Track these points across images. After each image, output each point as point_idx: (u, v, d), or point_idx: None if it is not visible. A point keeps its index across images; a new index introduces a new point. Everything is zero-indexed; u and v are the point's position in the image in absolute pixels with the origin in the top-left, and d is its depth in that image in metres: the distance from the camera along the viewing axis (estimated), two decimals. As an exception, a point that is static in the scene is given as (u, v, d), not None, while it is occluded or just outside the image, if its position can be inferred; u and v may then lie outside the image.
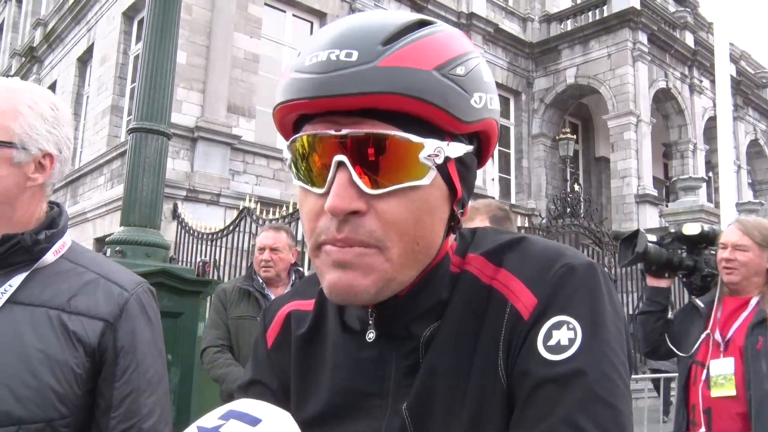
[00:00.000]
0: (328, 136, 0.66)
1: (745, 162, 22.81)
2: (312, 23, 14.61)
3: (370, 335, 0.75)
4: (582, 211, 13.14)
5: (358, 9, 14.96)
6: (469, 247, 0.77)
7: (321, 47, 0.66)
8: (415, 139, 0.66)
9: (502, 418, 0.67)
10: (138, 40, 13.49)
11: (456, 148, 0.69)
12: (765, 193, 24.29)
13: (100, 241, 11.92)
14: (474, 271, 0.74)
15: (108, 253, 3.64)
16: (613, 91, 17.38)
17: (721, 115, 2.75)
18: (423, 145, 0.66)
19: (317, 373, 0.80)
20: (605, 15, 17.90)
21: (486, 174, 17.37)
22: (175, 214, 11.28)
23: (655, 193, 17.37)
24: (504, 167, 18.74)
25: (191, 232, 10.85)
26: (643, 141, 17.28)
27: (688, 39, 19.41)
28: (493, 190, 17.69)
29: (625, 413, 0.64)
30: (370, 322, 0.75)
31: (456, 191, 0.71)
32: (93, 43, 15.53)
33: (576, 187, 17.57)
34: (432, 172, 0.67)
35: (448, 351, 0.71)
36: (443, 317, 0.73)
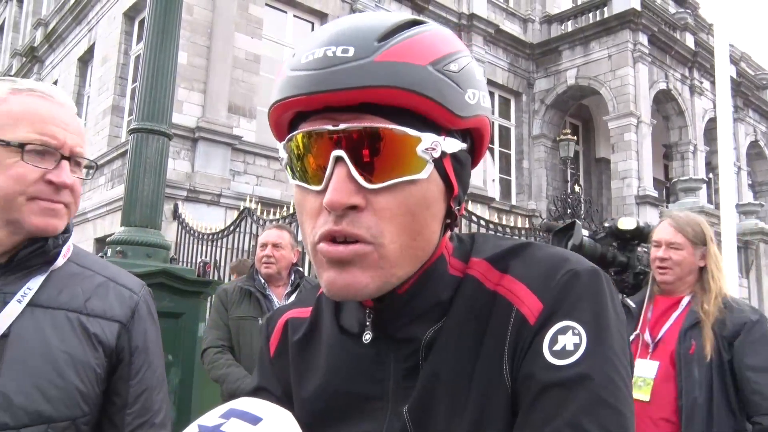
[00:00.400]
0: (326, 131, 0.67)
1: (745, 163, 22.81)
2: (313, 24, 14.61)
3: (367, 336, 0.75)
4: (582, 212, 13.14)
5: (359, 9, 14.97)
6: (471, 251, 0.78)
7: (317, 45, 0.67)
8: (412, 132, 0.66)
9: (505, 422, 0.67)
10: (139, 40, 13.50)
11: (451, 144, 0.70)
12: (765, 194, 24.27)
13: (101, 242, 11.92)
14: (478, 275, 0.74)
15: (109, 254, 3.64)
16: (613, 92, 17.38)
17: (721, 116, 2.74)
18: (420, 139, 0.67)
19: (314, 376, 0.80)
20: (606, 16, 17.90)
21: (486, 175, 17.36)
22: (175, 215, 11.28)
23: (655, 194, 17.37)
24: (504, 168, 18.74)
25: (192, 232, 10.84)
26: (644, 142, 17.28)
27: (689, 40, 19.41)
28: (493, 190, 17.69)
29: (628, 417, 0.64)
30: (368, 323, 0.75)
31: (452, 187, 0.72)
32: (94, 43, 15.54)
33: (576, 188, 17.55)
34: (429, 166, 0.68)
35: (450, 354, 0.71)
36: (446, 320, 0.73)
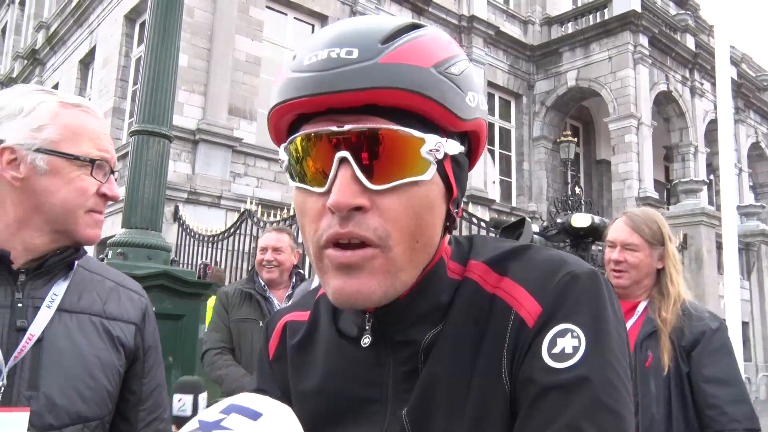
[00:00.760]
0: (330, 132, 0.66)
1: (746, 165, 22.81)
2: (313, 26, 14.63)
3: (366, 340, 0.75)
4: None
5: (359, 12, 14.98)
6: (469, 254, 0.78)
7: (319, 47, 0.67)
8: (417, 133, 0.67)
9: (504, 425, 0.67)
10: (140, 42, 13.52)
11: (452, 146, 0.70)
12: (766, 196, 24.26)
13: (102, 243, 11.91)
14: (476, 278, 0.74)
15: (110, 255, 3.65)
16: (614, 94, 17.39)
17: (722, 118, 2.74)
18: (424, 140, 0.67)
19: (313, 379, 0.80)
20: (606, 18, 17.91)
21: (487, 177, 17.37)
22: (176, 217, 11.29)
23: (656, 196, 17.36)
24: (505, 170, 18.74)
25: (192, 234, 10.85)
26: (644, 144, 17.28)
27: (689, 42, 19.41)
28: (494, 192, 17.69)
29: (628, 420, 0.64)
30: (367, 327, 0.75)
31: (452, 190, 0.72)
32: (95, 46, 15.56)
33: (577, 189, 17.50)
34: (433, 167, 0.68)
35: (449, 358, 0.71)
36: (445, 324, 0.73)
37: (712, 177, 19.79)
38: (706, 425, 2.00)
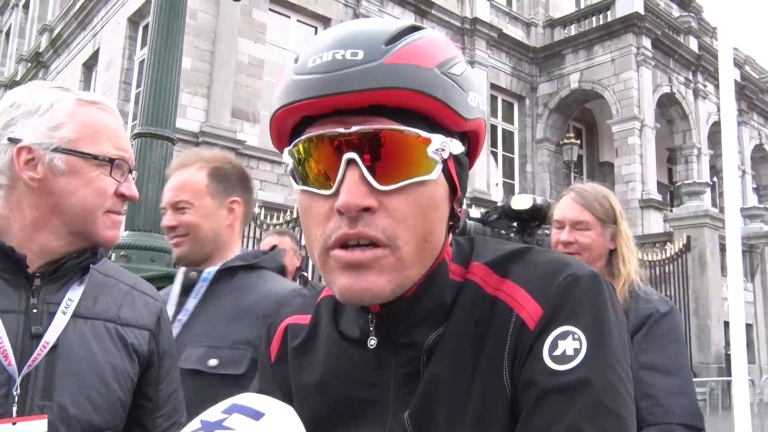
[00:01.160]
0: (336, 134, 0.67)
1: (749, 167, 22.75)
2: (316, 28, 14.65)
3: (372, 342, 0.75)
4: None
5: (361, 14, 15.00)
6: (471, 255, 0.78)
7: (323, 49, 0.67)
8: (423, 134, 0.67)
9: (505, 427, 0.67)
10: (143, 45, 13.54)
11: (456, 145, 0.71)
12: (770, 198, 24.21)
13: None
14: (477, 280, 0.75)
15: (113, 258, 3.65)
16: (617, 96, 17.36)
17: (725, 119, 2.73)
18: (430, 140, 0.68)
19: (314, 381, 0.80)
20: (609, 20, 17.89)
21: (490, 178, 17.36)
22: (179, 219, 11.29)
23: (659, 198, 17.33)
24: (508, 172, 18.72)
25: (195, 236, 10.84)
26: (647, 146, 17.25)
27: (692, 44, 19.38)
28: (497, 194, 17.67)
29: (629, 422, 0.64)
30: (371, 329, 0.75)
31: (455, 189, 0.73)
32: (98, 49, 15.60)
33: (580, 191, 17.50)
34: (439, 167, 0.69)
35: (451, 360, 0.71)
36: (447, 326, 0.73)
37: (715, 179, 19.75)
38: (641, 418, 1.74)
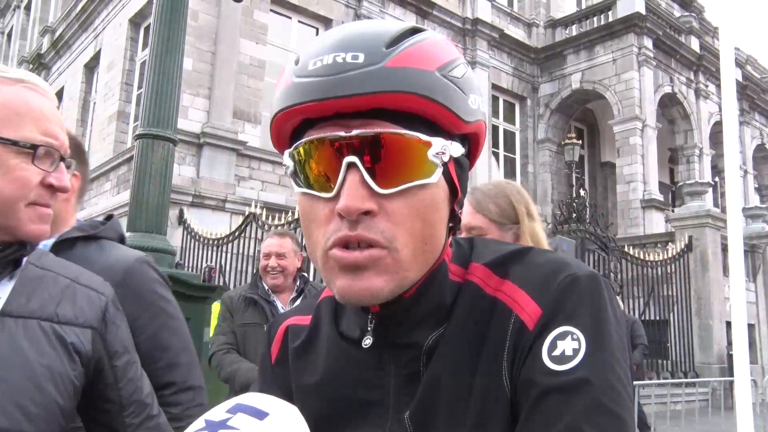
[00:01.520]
0: (337, 137, 0.67)
1: (751, 167, 22.73)
2: (317, 29, 14.66)
3: (367, 341, 0.75)
4: (588, 216, 13.09)
5: (363, 15, 15.00)
6: (470, 256, 0.78)
7: (323, 52, 0.67)
8: (424, 137, 0.67)
9: (505, 428, 0.67)
10: (144, 46, 13.56)
11: (456, 148, 0.71)
12: (772, 197, 24.19)
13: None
14: (477, 281, 0.75)
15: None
16: (618, 96, 17.36)
17: (726, 119, 2.73)
18: (431, 143, 0.68)
19: (314, 382, 0.80)
20: (610, 20, 17.88)
21: (491, 179, 17.33)
22: (181, 220, 11.31)
23: (661, 198, 17.32)
24: (509, 172, 18.72)
25: (197, 237, 10.87)
26: (649, 146, 17.24)
27: (694, 44, 19.37)
28: (498, 195, 17.65)
29: (629, 423, 0.64)
30: (369, 329, 0.75)
31: (456, 191, 0.73)
32: (100, 50, 15.63)
33: (581, 192, 17.51)
34: (439, 170, 0.69)
35: (451, 361, 0.71)
36: (446, 327, 0.73)
37: (717, 179, 19.74)
38: None
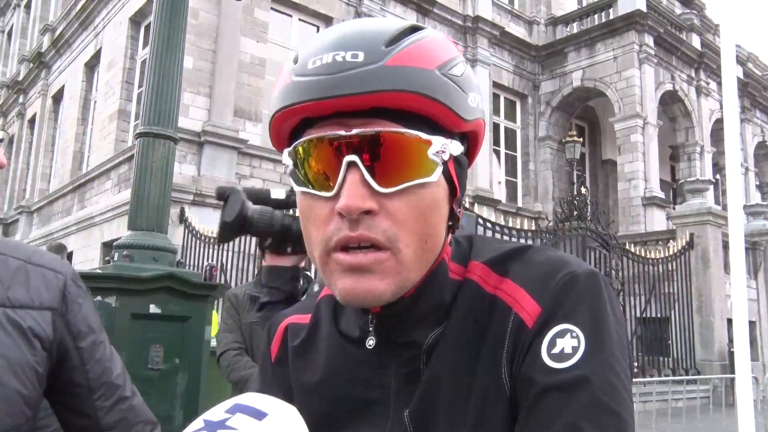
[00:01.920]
0: (337, 136, 0.67)
1: (752, 164, 22.71)
2: (318, 27, 14.65)
3: (370, 342, 0.75)
4: (589, 213, 13.09)
5: (363, 13, 15.00)
6: (470, 254, 0.78)
7: (323, 50, 0.67)
8: (424, 136, 0.67)
9: (505, 426, 0.67)
10: (145, 45, 13.56)
11: (456, 146, 0.71)
12: (773, 195, 24.16)
13: (108, 246, 11.96)
14: (477, 279, 0.75)
15: (116, 258, 3.65)
16: (619, 94, 17.34)
17: (728, 117, 2.72)
18: (431, 142, 0.68)
19: (314, 381, 0.80)
20: (611, 17, 17.86)
21: (493, 177, 17.34)
22: (182, 219, 11.32)
23: (662, 195, 17.31)
24: (510, 170, 18.72)
25: (198, 236, 10.88)
26: (650, 143, 17.22)
27: (695, 41, 19.34)
28: (500, 193, 17.66)
29: (628, 422, 0.64)
30: (371, 329, 0.75)
31: (455, 190, 0.73)
32: (100, 49, 15.62)
33: (583, 189, 17.49)
34: (439, 169, 0.69)
35: (451, 359, 0.71)
36: (446, 325, 0.73)
37: (718, 176, 19.72)
38: None
